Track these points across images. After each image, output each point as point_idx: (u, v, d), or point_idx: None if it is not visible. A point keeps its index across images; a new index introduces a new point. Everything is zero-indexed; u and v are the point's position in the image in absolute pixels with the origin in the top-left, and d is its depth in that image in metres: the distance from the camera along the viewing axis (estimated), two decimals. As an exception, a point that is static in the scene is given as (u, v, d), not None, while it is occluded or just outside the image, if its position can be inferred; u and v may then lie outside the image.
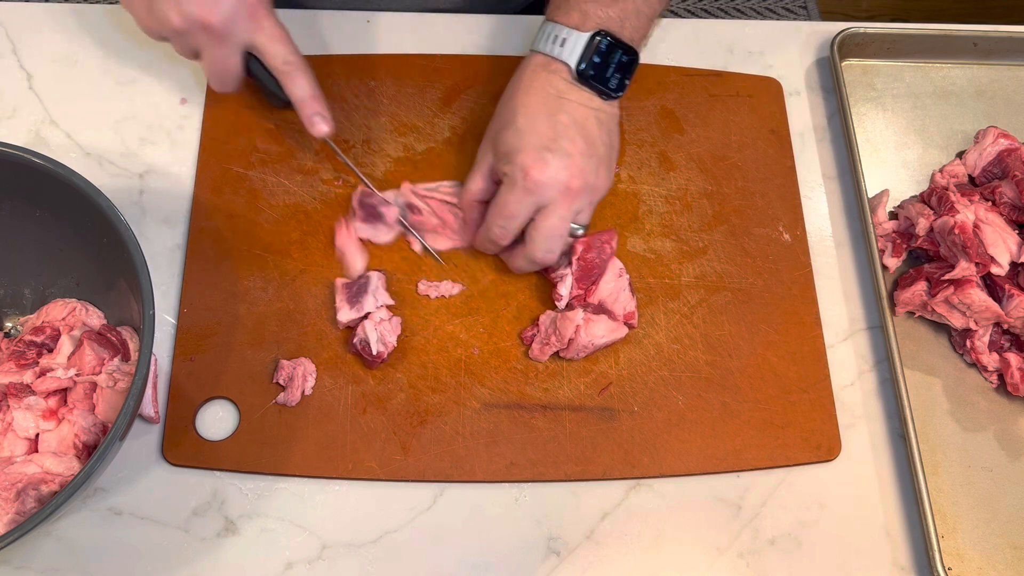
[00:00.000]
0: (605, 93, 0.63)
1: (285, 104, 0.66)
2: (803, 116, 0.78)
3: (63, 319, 0.62)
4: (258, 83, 0.66)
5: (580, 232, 0.64)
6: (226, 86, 0.66)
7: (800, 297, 0.70)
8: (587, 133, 0.62)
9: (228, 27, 0.61)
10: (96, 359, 0.58)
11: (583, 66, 0.62)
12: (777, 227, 0.72)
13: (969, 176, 0.75)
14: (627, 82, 0.64)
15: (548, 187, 0.60)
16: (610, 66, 0.62)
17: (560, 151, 0.61)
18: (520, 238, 0.64)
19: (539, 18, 0.79)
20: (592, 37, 0.62)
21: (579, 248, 0.65)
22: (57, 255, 0.63)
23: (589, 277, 0.65)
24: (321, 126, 0.65)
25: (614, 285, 0.66)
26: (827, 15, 1.93)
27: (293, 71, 0.64)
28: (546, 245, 0.62)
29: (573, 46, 0.62)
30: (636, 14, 0.63)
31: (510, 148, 0.61)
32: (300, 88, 0.64)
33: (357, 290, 0.65)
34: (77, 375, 0.58)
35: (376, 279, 0.65)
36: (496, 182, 0.64)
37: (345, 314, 0.64)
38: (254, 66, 0.65)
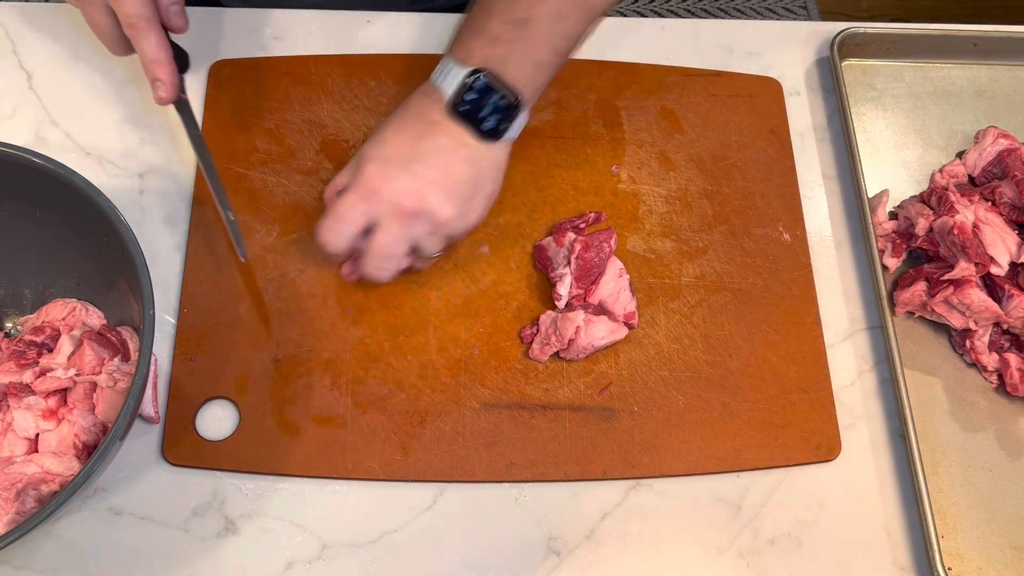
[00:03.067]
0: (479, 134, 0.60)
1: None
2: (803, 116, 0.78)
3: (63, 319, 0.62)
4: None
5: (433, 257, 0.63)
6: (109, 47, 0.63)
7: (800, 297, 0.70)
8: (447, 164, 0.60)
9: None
10: (96, 359, 0.58)
11: (456, 101, 0.59)
12: (777, 227, 0.72)
13: (969, 176, 0.75)
14: (506, 127, 0.60)
15: (381, 200, 0.59)
16: (486, 106, 0.59)
17: (407, 171, 0.59)
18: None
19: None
20: (470, 73, 0.59)
21: (577, 247, 0.65)
22: (57, 255, 0.63)
23: (588, 277, 0.65)
24: (157, 93, 0.62)
25: (614, 285, 0.66)
26: (827, 15, 1.94)
27: (135, 34, 0.60)
28: (375, 263, 0.60)
29: (452, 79, 0.59)
30: (522, 59, 0.60)
31: (364, 156, 0.60)
32: (142, 50, 0.60)
33: None
34: (77, 375, 0.58)
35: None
36: None
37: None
38: None
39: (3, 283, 0.64)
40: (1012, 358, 0.67)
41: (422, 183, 0.59)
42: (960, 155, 0.76)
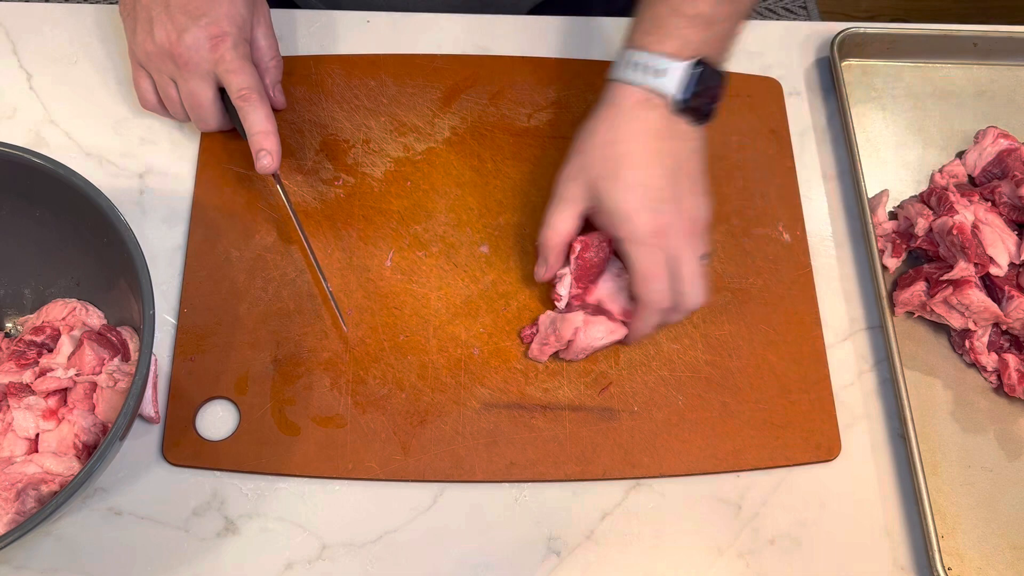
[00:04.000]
0: (699, 120, 0.61)
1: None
2: (803, 116, 0.78)
3: (63, 319, 0.62)
4: (233, 120, 0.67)
5: (705, 259, 0.62)
6: (203, 120, 0.67)
7: (800, 297, 0.70)
8: (691, 171, 0.61)
9: (190, 56, 0.64)
10: (96, 359, 0.58)
11: (685, 98, 0.59)
12: (777, 227, 0.72)
13: (969, 176, 0.75)
14: (717, 106, 0.61)
15: (674, 238, 0.59)
16: (706, 93, 0.60)
17: (673, 199, 0.59)
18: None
19: (540, 18, 0.79)
20: (692, 66, 0.58)
21: (577, 247, 0.65)
22: (57, 255, 0.63)
23: (588, 276, 0.65)
24: (263, 162, 0.64)
25: (613, 284, 0.66)
26: (827, 15, 1.94)
27: (245, 105, 0.64)
28: (695, 288, 0.61)
29: (673, 76, 0.58)
30: (726, 36, 0.61)
31: (627, 208, 0.59)
32: (251, 122, 0.64)
33: None
34: (77, 375, 0.58)
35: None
36: (585, 220, 0.63)
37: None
38: (227, 101, 0.66)
39: (3, 283, 0.64)
40: (1011, 359, 0.67)
41: (687, 200, 0.60)
42: (960, 155, 0.76)
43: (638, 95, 0.60)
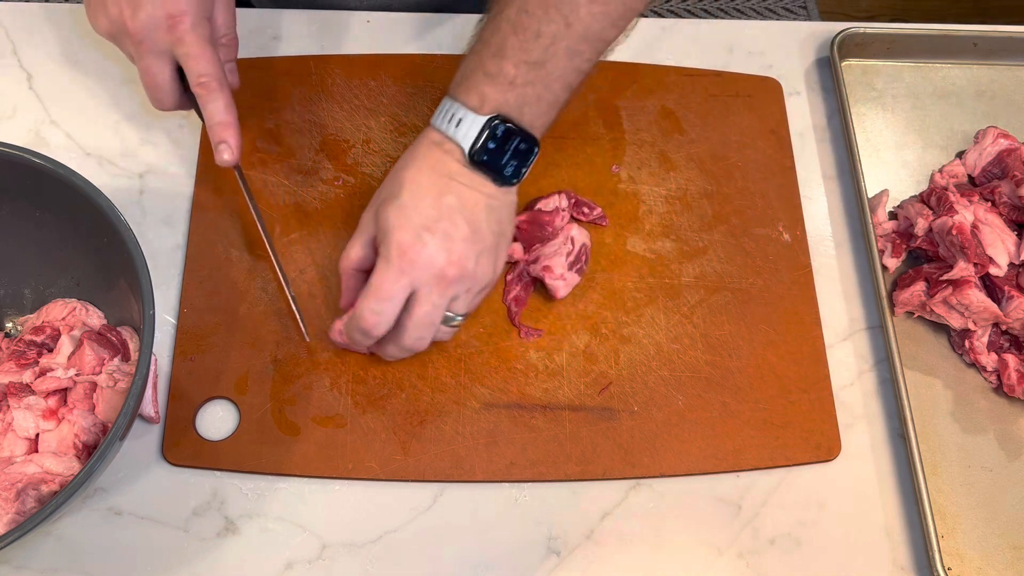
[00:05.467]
0: (500, 180, 0.59)
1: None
2: (803, 116, 0.78)
3: (63, 319, 0.62)
4: (192, 102, 0.63)
5: (458, 321, 0.60)
6: (158, 101, 0.63)
7: (800, 297, 0.70)
8: (473, 219, 0.58)
9: (146, 35, 0.59)
10: (96, 359, 0.58)
11: (476, 151, 0.57)
12: (777, 227, 0.72)
13: (969, 176, 0.75)
14: (524, 170, 0.60)
15: (422, 269, 0.57)
16: (506, 153, 0.58)
17: (440, 233, 0.57)
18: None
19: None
20: (489, 121, 0.57)
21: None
22: (57, 255, 0.63)
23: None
24: (222, 155, 0.61)
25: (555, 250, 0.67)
26: (827, 15, 1.94)
27: (205, 92, 0.60)
28: (417, 332, 0.58)
29: (468, 129, 0.57)
30: (537, 100, 0.59)
31: (390, 224, 0.57)
32: (210, 112, 0.60)
33: None
34: (77, 375, 0.58)
35: None
36: (376, 252, 0.59)
37: None
38: (186, 82, 0.62)
39: (3, 283, 0.64)
40: (1011, 359, 0.67)
41: (457, 244, 0.57)
42: (960, 155, 0.76)
43: (436, 137, 0.59)
